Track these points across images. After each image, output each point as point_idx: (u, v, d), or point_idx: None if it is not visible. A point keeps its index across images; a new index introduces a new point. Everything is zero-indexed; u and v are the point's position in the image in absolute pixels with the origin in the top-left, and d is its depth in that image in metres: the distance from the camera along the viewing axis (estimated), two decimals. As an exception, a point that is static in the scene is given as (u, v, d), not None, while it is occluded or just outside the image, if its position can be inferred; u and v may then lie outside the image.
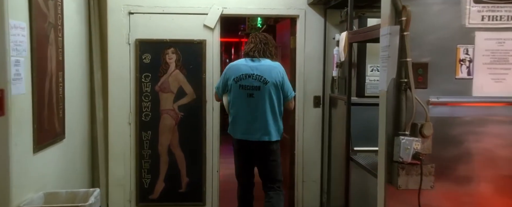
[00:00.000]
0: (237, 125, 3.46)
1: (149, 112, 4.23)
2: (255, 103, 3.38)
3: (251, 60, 3.44)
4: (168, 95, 4.23)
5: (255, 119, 3.40)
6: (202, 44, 4.20)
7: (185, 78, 4.22)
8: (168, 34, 4.19)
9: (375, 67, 3.61)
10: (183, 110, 4.24)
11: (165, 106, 4.23)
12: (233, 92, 3.43)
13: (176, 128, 4.26)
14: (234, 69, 3.47)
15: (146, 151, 4.26)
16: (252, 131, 3.41)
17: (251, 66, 3.41)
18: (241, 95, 3.39)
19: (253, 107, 3.38)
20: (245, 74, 3.41)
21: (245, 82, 3.38)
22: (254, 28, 7.61)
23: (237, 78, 3.41)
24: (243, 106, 3.40)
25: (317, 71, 4.32)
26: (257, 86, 3.37)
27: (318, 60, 4.31)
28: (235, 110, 3.45)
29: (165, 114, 4.25)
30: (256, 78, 3.38)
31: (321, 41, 4.30)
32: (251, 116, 3.40)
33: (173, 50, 4.20)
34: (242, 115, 3.42)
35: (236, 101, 3.42)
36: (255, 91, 3.37)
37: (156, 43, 4.17)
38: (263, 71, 3.38)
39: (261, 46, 3.47)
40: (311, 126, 4.36)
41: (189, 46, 4.20)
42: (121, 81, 4.17)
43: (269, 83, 3.37)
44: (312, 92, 4.33)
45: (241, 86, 3.40)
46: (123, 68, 4.17)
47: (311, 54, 4.31)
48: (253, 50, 3.45)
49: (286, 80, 3.47)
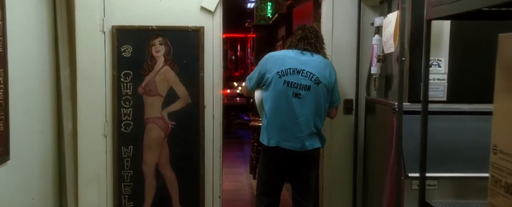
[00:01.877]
0: (272, 129, 2.77)
1: (130, 121, 3.26)
2: (301, 106, 2.74)
3: (301, 53, 2.81)
4: (155, 99, 3.26)
5: (298, 125, 2.74)
6: (199, 32, 3.23)
7: (177, 77, 3.25)
8: (154, 20, 3.23)
9: (435, 61, 2.61)
10: (174, 118, 3.28)
11: (151, 114, 3.26)
12: (273, 88, 2.76)
13: (165, 141, 3.29)
14: (278, 61, 2.79)
15: (127, 171, 3.29)
16: (293, 139, 2.75)
17: (301, 60, 2.78)
18: (285, 94, 2.74)
19: (298, 110, 2.74)
20: (293, 69, 2.75)
21: (292, 78, 2.74)
22: (263, 19, 6.69)
23: (282, 72, 2.75)
24: (284, 107, 2.75)
25: (348, 67, 3.34)
26: (307, 85, 2.75)
27: (350, 53, 3.33)
28: (273, 111, 2.76)
29: (152, 123, 3.28)
30: (306, 76, 2.75)
31: (354, 28, 3.32)
32: (293, 121, 2.75)
33: (161, 41, 3.23)
34: (281, 118, 2.76)
35: (276, 100, 2.75)
36: (303, 91, 2.74)
37: (139, 31, 3.22)
38: (316, 68, 2.77)
39: (312, 39, 2.85)
40: (340, 138, 3.39)
41: (183, 35, 3.24)
42: (94, 81, 3.22)
43: (321, 84, 2.77)
44: (342, 95, 3.35)
45: (286, 83, 2.74)
46: (96, 64, 3.22)
47: (340, 45, 3.34)
48: (304, 42, 2.83)
49: (337, 84, 2.92)
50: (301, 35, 2.84)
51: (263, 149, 2.86)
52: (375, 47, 3.05)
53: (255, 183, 5.25)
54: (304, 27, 2.89)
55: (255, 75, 2.87)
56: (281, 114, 2.72)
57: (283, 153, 2.75)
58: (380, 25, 2.99)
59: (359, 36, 3.31)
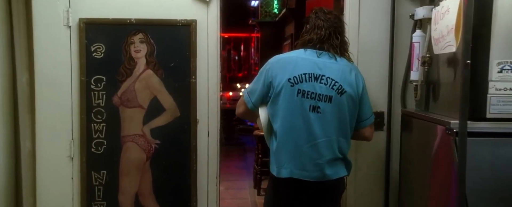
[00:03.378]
0: (284, 155, 2.11)
1: (103, 140, 2.59)
2: (320, 123, 2.08)
3: (317, 53, 2.12)
4: (134, 111, 2.58)
5: (317, 149, 2.09)
6: (191, 27, 2.55)
7: (162, 84, 2.58)
8: (134, 11, 2.56)
9: (508, 64, 1.91)
10: (159, 136, 2.60)
11: (129, 130, 2.59)
12: (283, 101, 2.09)
13: (147, 165, 2.61)
14: (289, 65, 2.11)
15: (99, 203, 2.61)
16: (311, 167, 2.09)
17: (317, 63, 2.10)
18: (300, 107, 2.08)
19: (317, 129, 2.08)
20: (309, 75, 2.08)
21: (307, 86, 2.08)
22: (269, 15, 6.05)
23: (295, 79, 2.08)
24: (299, 125, 2.08)
25: (378, 72, 2.67)
26: (328, 95, 2.08)
27: (381, 53, 2.66)
28: (284, 131, 2.10)
29: (130, 142, 2.60)
30: (327, 83, 2.08)
31: (386, 23, 2.64)
32: (311, 143, 2.08)
33: (142, 38, 2.56)
34: (295, 140, 2.09)
35: (289, 116, 2.09)
36: (323, 103, 2.07)
37: (114, 26, 2.55)
38: (338, 72, 2.10)
39: (335, 34, 2.14)
40: (368, 161, 2.70)
41: (169, 30, 2.57)
42: (57, 89, 2.56)
43: (346, 94, 2.09)
44: (371, 106, 2.65)
45: (300, 92, 2.07)
46: (60, 67, 2.56)
47: (368, 44, 2.66)
48: (323, 40, 2.13)
49: (366, 93, 2.20)
50: (323, 28, 2.12)
51: (271, 180, 2.22)
52: (417, 46, 2.36)
53: (260, 201, 4.60)
54: (323, 13, 2.16)
55: (258, 86, 2.16)
56: (295, 135, 2.08)
57: (297, 186, 2.11)
58: (424, 17, 2.30)
59: (392, 33, 2.62)
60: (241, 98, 2.25)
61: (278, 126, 2.09)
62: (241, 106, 2.24)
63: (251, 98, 2.18)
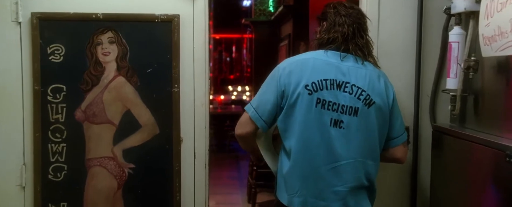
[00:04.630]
0: (296, 179, 1.75)
1: (63, 164, 2.09)
2: (343, 140, 1.73)
3: (340, 56, 1.77)
4: (102, 128, 2.09)
5: (339, 173, 1.74)
6: (173, 24, 2.07)
7: (136, 94, 2.09)
8: (101, 4, 2.09)
9: None
10: (134, 158, 2.11)
11: (96, 152, 2.10)
12: (299, 112, 1.73)
13: (119, 195, 2.13)
14: (305, 67, 1.75)
15: (59, 243, 2.10)
16: (330, 195, 1.74)
17: (341, 67, 1.75)
18: (317, 120, 1.73)
19: (339, 148, 1.73)
20: (330, 81, 1.73)
21: (329, 95, 1.73)
22: (263, 14, 5.57)
23: (313, 85, 1.72)
24: (315, 142, 1.73)
25: (402, 78, 2.21)
26: (354, 107, 1.73)
27: (406, 56, 2.20)
28: (299, 148, 1.74)
29: (97, 167, 2.11)
30: (352, 92, 1.74)
31: (413, 18, 2.17)
32: (332, 165, 1.74)
33: (111, 37, 2.07)
34: (311, 161, 1.74)
35: (305, 131, 1.73)
36: (347, 116, 1.73)
37: (76, 22, 2.06)
38: (364, 80, 1.76)
39: (359, 32, 1.78)
40: (390, 187, 2.23)
41: (146, 28, 2.10)
42: (3, 100, 2.08)
43: (375, 106, 1.75)
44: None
45: (320, 102, 1.72)
46: (8, 73, 2.09)
47: (390, 44, 2.20)
48: (347, 38, 1.77)
49: (397, 105, 1.83)
50: (346, 25, 1.76)
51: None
52: (455, 47, 1.89)
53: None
54: (346, 10, 1.78)
55: (270, 97, 1.75)
56: (312, 155, 1.73)
57: None
58: (467, 9, 1.82)
59: (420, 30, 2.15)
60: (243, 116, 1.78)
61: (293, 144, 1.72)
62: (246, 125, 1.77)
63: (261, 114, 1.75)
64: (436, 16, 2.11)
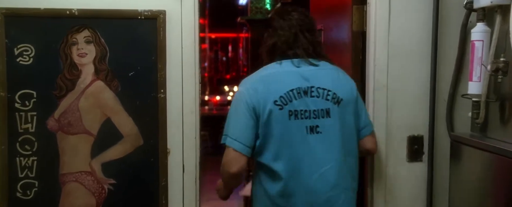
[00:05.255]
0: (292, 196, 1.71)
1: (33, 180, 1.85)
2: (322, 144, 1.73)
3: (293, 62, 1.77)
4: (79, 139, 1.85)
5: (325, 179, 1.72)
6: (158, 21, 1.83)
7: (117, 101, 1.85)
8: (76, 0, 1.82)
9: None
10: (114, 173, 1.88)
11: (72, 166, 1.86)
12: (275, 131, 1.70)
13: (98, 214, 1.88)
14: (269, 82, 1.74)
15: None
16: (323, 204, 1.72)
17: (301, 73, 1.75)
18: (295, 132, 1.71)
19: (320, 153, 1.72)
20: (296, 90, 1.73)
21: (299, 104, 1.72)
22: (260, 12, 5.33)
23: (281, 99, 1.71)
24: (300, 155, 1.71)
25: (416, 82, 1.98)
26: (325, 109, 1.73)
27: (420, 56, 1.98)
28: (287, 167, 1.70)
29: (73, 183, 1.87)
30: (319, 95, 1.74)
31: (428, 14, 1.94)
32: (318, 173, 1.71)
33: (88, 36, 1.83)
34: (301, 174, 1.71)
35: (285, 145, 1.70)
36: (321, 119, 1.73)
37: (48, 19, 1.83)
38: (326, 79, 1.76)
39: (303, 33, 1.77)
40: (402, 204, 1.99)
41: (127, 26, 1.87)
42: None
43: (344, 102, 1.76)
44: (405, 128, 2.00)
45: (292, 114, 1.71)
46: None
47: (402, 43, 1.98)
48: (289, 42, 1.77)
49: (360, 96, 1.85)
50: (286, 28, 1.76)
51: None
52: (479, 47, 1.66)
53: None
54: (287, 14, 1.78)
55: (247, 121, 1.68)
56: (298, 168, 1.69)
57: None
58: (493, 3, 1.59)
59: (436, 27, 1.92)
60: (228, 152, 1.68)
61: (280, 165, 1.68)
62: (238, 160, 1.66)
63: (245, 142, 1.66)
64: (454, 11, 1.88)
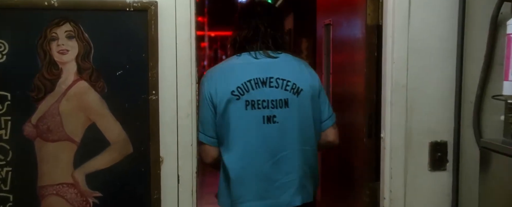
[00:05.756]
0: (244, 185, 1.78)
1: (7, 194, 1.66)
2: (279, 134, 1.79)
3: (252, 55, 1.84)
4: (60, 147, 1.65)
5: (279, 166, 1.79)
6: (149, 14, 1.63)
7: (103, 104, 1.65)
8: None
9: None
10: (100, 184, 1.68)
11: (52, 177, 1.66)
12: (231, 118, 1.77)
13: (82, 232, 1.67)
14: (227, 73, 1.82)
15: None
16: (274, 192, 1.79)
17: (260, 64, 1.82)
18: (251, 122, 1.77)
19: (275, 142, 1.79)
20: (254, 80, 1.78)
21: (257, 95, 1.78)
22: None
23: (238, 89, 1.77)
24: (255, 144, 1.77)
25: (439, 81, 1.79)
26: (283, 99, 1.79)
27: (443, 53, 1.79)
28: (240, 156, 1.77)
29: (54, 196, 1.67)
30: (278, 85, 1.79)
31: (453, 6, 1.72)
32: (272, 160, 1.78)
33: (70, 31, 1.63)
34: (255, 163, 1.77)
35: (242, 137, 1.77)
36: (278, 109, 1.79)
37: (23, 11, 1.63)
38: (287, 70, 1.83)
39: (266, 28, 1.85)
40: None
41: (114, 20, 1.66)
42: None
43: (303, 93, 1.82)
44: (426, 133, 1.80)
45: (249, 104, 1.76)
46: None
47: (423, 37, 1.78)
48: (256, 38, 1.84)
49: (323, 89, 1.92)
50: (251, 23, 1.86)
51: None
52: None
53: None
54: (252, 9, 1.90)
55: (207, 114, 1.79)
56: (253, 157, 1.79)
57: None
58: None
59: (463, 20, 1.71)
60: (200, 146, 1.81)
61: (233, 152, 1.77)
62: (208, 153, 1.83)
63: (211, 135, 1.80)
64: (483, 1, 1.67)
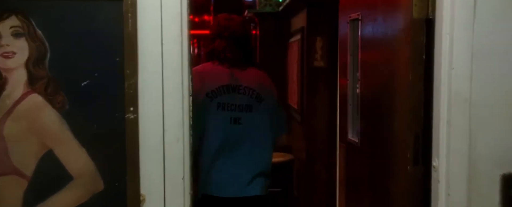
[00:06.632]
0: (210, 174, 2.17)
1: None
2: (241, 135, 2.19)
3: (223, 65, 2.24)
4: (4, 182, 1.24)
5: (238, 161, 2.19)
6: (125, 4, 1.22)
7: (64, 124, 1.23)
8: None
9: None
10: (59, 233, 1.24)
11: (-6, 223, 1.23)
12: (208, 115, 2.17)
13: None
14: (205, 77, 2.19)
15: None
16: (231, 181, 2.18)
17: (232, 74, 2.23)
18: (221, 121, 2.17)
19: (237, 141, 2.19)
20: (226, 86, 2.17)
21: (226, 99, 2.18)
22: (269, 4, 4.75)
23: (212, 93, 2.17)
24: (221, 141, 2.17)
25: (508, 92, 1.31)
26: (248, 105, 2.20)
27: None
28: (210, 151, 2.16)
29: (-3, 248, 1.24)
30: (245, 93, 2.21)
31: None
32: (232, 156, 2.18)
33: (17, 27, 1.21)
34: (219, 156, 2.18)
35: (212, 133, 2.17)
36: (243, 113, 2.19)
37: None
38: (253, 80, 2.24)
39: (237, 44, 2.24)
40: None
41: (78, 11, 1.24)
42: None
43: (265, 102, 2.24)
44: (496, 162, 1.38)
45: (220, 106, 2.16)
46: None
47: (495, 38, 1.30)
48: (223, 51, 2.22)
49: (279, 101, 2.42)
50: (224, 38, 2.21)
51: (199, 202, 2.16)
52: None
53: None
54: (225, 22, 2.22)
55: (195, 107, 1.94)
56: (218, 151, 2.14)
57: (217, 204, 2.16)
58: None
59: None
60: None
61: (206, 149, 2.12)
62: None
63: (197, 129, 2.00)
64: None
